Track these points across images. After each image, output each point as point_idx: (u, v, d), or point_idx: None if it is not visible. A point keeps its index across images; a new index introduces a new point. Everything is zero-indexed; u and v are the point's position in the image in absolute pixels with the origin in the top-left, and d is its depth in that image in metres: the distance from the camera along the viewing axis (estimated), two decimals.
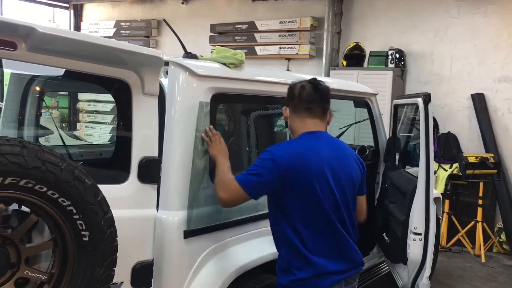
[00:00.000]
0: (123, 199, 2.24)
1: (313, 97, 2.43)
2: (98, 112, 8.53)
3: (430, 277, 3.56)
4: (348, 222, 2.43)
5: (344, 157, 2.48)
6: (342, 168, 2.42)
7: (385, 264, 4.40)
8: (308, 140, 2.40)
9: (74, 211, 1.79)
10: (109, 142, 5.09)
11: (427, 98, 3.44)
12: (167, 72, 2.52)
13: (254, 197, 2.39)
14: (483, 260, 6.02)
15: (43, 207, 1.77)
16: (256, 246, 2.78)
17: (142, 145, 2.30)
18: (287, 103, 2.52)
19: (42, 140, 3.51)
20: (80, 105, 8.64)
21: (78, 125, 8.69)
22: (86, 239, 1.84)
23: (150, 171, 2.30)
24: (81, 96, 8.22)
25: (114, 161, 2.88)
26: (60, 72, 2.33)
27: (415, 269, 3.50)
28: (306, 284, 2.33)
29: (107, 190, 2.04)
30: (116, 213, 2.04)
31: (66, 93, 6.10)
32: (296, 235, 2.33)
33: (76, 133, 8.22)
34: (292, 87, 2.50)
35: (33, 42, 1.87)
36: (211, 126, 2.55)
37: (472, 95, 6.79)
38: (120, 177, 2.27)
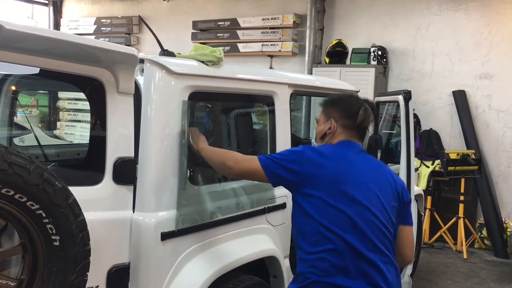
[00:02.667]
0: (98, 201, 2.18)
1: (368, 124, 2.31)
2: (79, 111, 8.40)
3: (412, 275, 3.56)
4: (374, 240, 2.08)
5: (377, 173, 2.24)
6: (380, 184, 2.19)
7: None
8: (343, 147, 2.24)
9: (44, 215, 1.73)
10: (87, 142, 5.01)
11: (407, 95, 3.43)
12: (143, 70, 2.46)
13: (270, 179, 2.21)
14: (465, 256, 6.07)
15: (10, 211, 1.70)
16: (236, 247, 2.73)
17: (117, 145, 2.23)
18: (337, 119, 2.28)
19: (16, 141, 3.42)
20: (60, 103, 8.51)
21: (58, 123, 8.55)
22: (56, 243, 1.78)
23: (126, 172, 2.24)
24: (61, 94, 8.10)
25: (88, 161, 2.82)
26: (32, 70, 2.26)
27: None
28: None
29: (81, 192, 1.99)
30: (90, 215, 1.98)
31: (43, 91, 5.98)
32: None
33: (56, 132, 8.09)
34: (351, 106, 2.27)
35: (1, 40, 1.80)
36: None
37: (453, 92, 6.83)
38: (94, 178, 2.21)
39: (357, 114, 2.23)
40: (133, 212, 2.33)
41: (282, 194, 3.06)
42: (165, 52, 2.73)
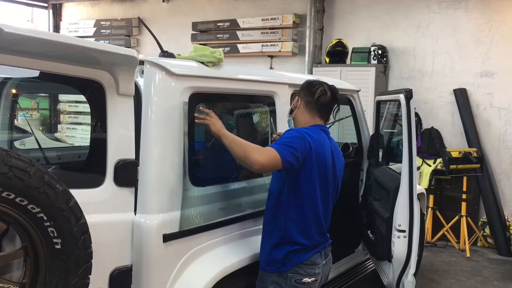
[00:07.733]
0: (99, 203, 2.18)
1: (329, 104, 2.73)
2: (79, 113, 8.39)
3: (415, 274, 3.55)
4: (330, 207, 2.76)
5: (339, 154, 2.82)
6: (338, 162, 2.76)
7: (371, 261, 4.39)
8: (321, 132, 2.68)
9: (45, 218, 1.72)
10: (88, 144, 5.00)
11: (409, 94, 3.42)
12: (143, 72, 2.45)
13: (283, 168, 2.44)
14: (468, 255, 6.05)
15: (11, 214, 1.69)
16: (237, 248, 2.72)
17: (118, 147, 2.23)
18: (302, 97, 2.73)
19: (17, 144, 3.41)
20: (61, 106, 8.50)
21: (59, 126, 8.54)
22: (58, 246, 1.77)
23: (127, 174, 2.24)
24: (62, 97, 8.09)
25: (89, 164, 2.81)
26: (32, 73, 2.25)
27: (400, 267, 3.49)
28: (302, 252, 2.59)
29: (83, 195, 1.99)
30: (92, 218, 1.98)
31: (43, 94, 5.97)
32: (300, 212, 2.59)
33: (57, 134, 8.08)
34: (312, 86, 2.72)
35: (0, 43, 1.79)
36: (202, 107, 2.53)
37: (454, 90, 6.81)
38: (95, 180, 2.21)
39: (315, 91, 2.67)
40: (135, 214, 2.32)
41: None
42: (165, 54, 2.73)
